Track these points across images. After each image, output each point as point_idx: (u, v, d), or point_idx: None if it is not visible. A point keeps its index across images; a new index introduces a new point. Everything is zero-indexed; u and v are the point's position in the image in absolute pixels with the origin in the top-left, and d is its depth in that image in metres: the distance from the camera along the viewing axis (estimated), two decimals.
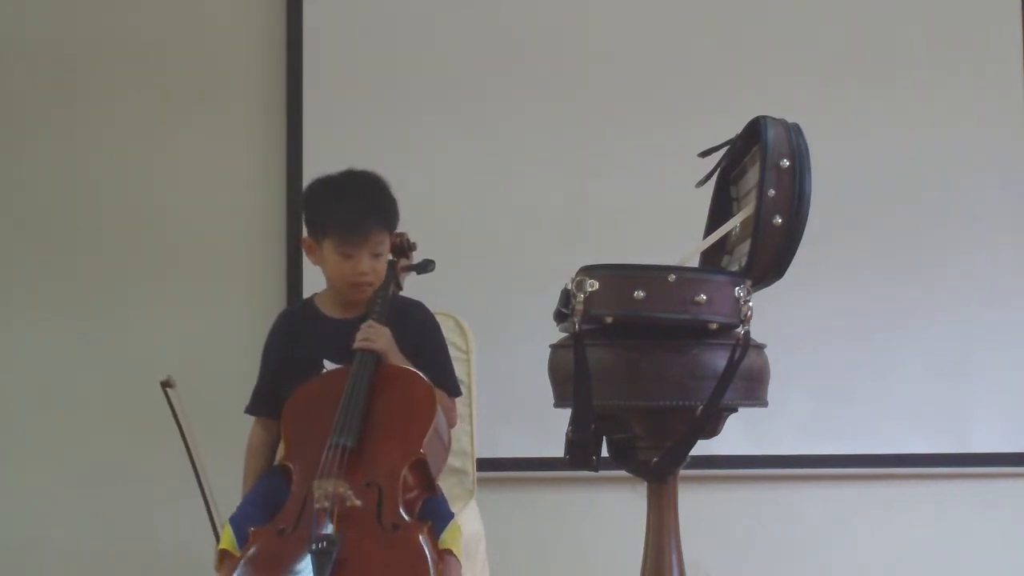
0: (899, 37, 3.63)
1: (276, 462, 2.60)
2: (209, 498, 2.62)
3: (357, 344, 2.56)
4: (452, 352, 2.85)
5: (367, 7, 3.59)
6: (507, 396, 3.34)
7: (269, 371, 2.72)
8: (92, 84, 3.59)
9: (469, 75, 3.58)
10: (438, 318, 2.82)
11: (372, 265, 2.63)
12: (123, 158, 3.57)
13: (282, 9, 3.58)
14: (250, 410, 2.73)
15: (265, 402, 2.71)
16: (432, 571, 2.26)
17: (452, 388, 2.72)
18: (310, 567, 2.26)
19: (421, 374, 2.57)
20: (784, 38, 3.62)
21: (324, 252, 2.65)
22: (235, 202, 3.57)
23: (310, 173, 3.35)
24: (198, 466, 2.63)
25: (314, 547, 2.25)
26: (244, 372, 2.79)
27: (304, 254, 2.76)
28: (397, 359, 2.59)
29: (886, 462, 3.54)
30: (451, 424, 2.67)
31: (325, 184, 2.69)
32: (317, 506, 2.32)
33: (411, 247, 2.82)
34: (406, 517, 2.34)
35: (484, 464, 3.10)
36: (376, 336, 2.57)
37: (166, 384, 2.60)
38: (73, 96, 3.58)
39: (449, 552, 2.36)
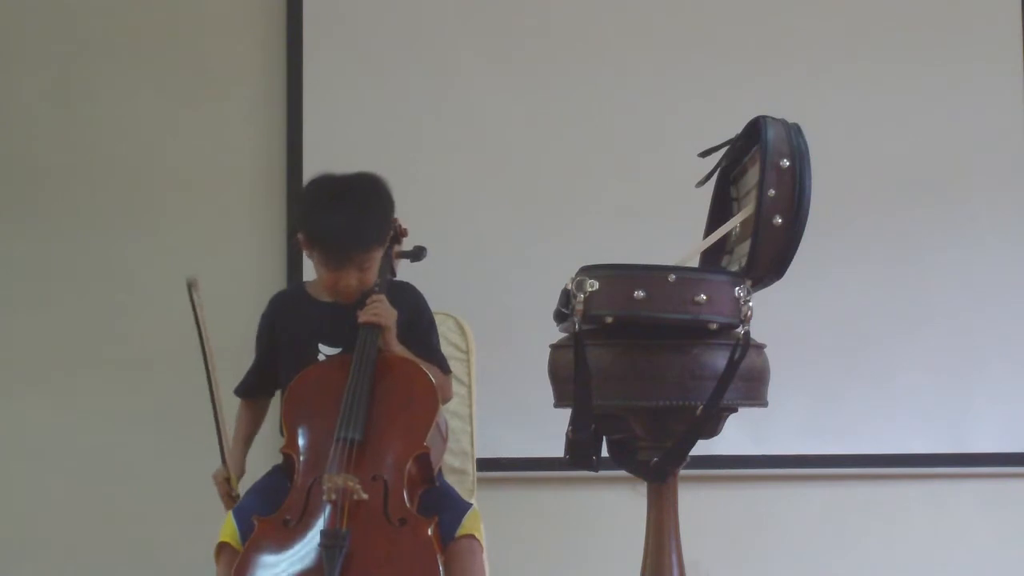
0: (899, 37, 3.63)
1: (280, 449, 2.59)
2: (219, 414, 2.55)
3: (363, 317, 2.55)
4: (452, 352, 2.85)
5: (367, 6, 3.59)
6: (507, 396, 3.34)
7: (259, 355, 2.75)
8: (92, 79, 3.58)
9: (470, 74, 3.58)
10: (438, 318, 2.83)
11: (359, 277, 2.60)
12: (123, 153, 3.56)
13: (282, 5, 3.58)
14: (237, 391, 2.74)
15: (251, 384, 2.74)
16: (440, 566, 2.28)
17: (445, 365, 2.73)
18: (314, 558, 2.29)
19: (422, 366, 2.57)
20: (784, 38, 3.62)
21: (312, 258, 2.65)
22: (235, 204, 3.57)
23: (310, 168, 3.37)
24: (212, 381, 2.56)
25: (324, 542, 2.27)
26: (244, 365, 2.79)
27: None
28: (395, 344, 2.59)
29: (886, 462, 3.54)
30: (447, 399, 2.71)
31: (318, 191, 2.64)
32: (325, 498, 2.33)
33: (403, 233, 2.82)
34: (411, 511, 2.36)
35: (484, 464, 3.10)
36: (385, 312, 2.57)
37: (191, 285, 2.51)
38: (73, 93, 3.58)
39: (471, 536, 2.42)
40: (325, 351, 2.65)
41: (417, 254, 2.82)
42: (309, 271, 3.30)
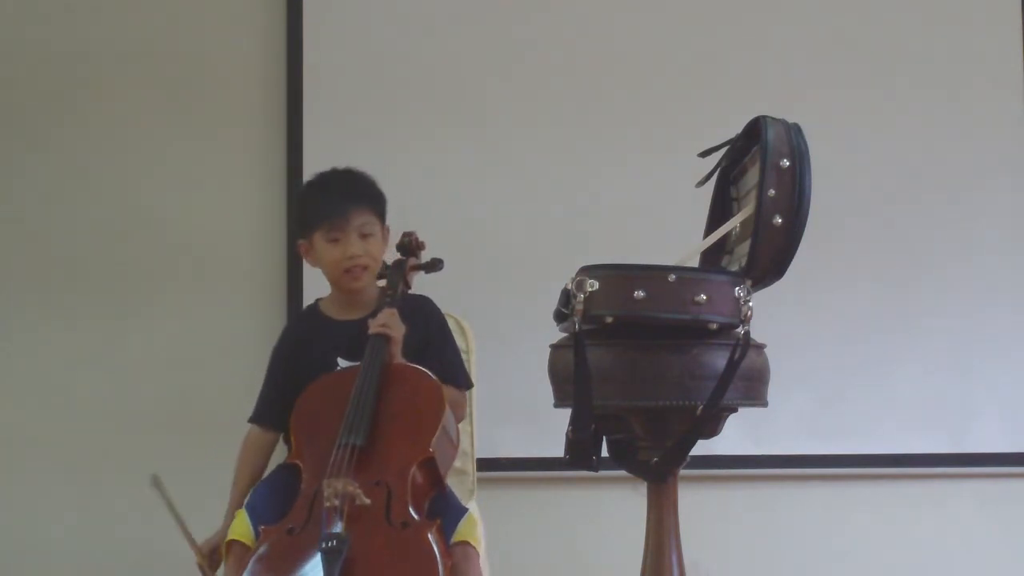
0: (900, 37, 3.63)
1: (285, 460, 2.59)
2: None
3: (373, 328, 2.56)
4: None
5: (368, 7, 3.59)
6: (507, 396, 3.34)
7: (274, 380, 2.71)
8: (91, 87, 3.58)
9: (469, 75, 3.58)
10: None
11: (363, 246, 2.62)
12: (122, 161, 3.56)
13: (282, 9, 3.58)
14: (254, 419, 2.69)
15: (271, 411, 2.68)
16: (441, 569, 2.28)
17: (463, 381, 2.73)
18: (319, 566, 2.27)
19: (429, 372, 2.57)
20: (784, 38, 3.63)
21: (316, 246, 2.65)
22: (235, 204, 3.57)
23: (311, 169, 3.36)
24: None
25: (323, 546, 2.27)
26: (245, 374, 2.78)
27: (304, 259, 2.75)
28: (399, 357, 2.59)
29: (886, 462, 3.54)
30: (460, 418, 2.69)
31: (309, 182, 2.75)
32: (327, 504, 2.32)
33: (419, 246, 2.83)
34: (415, 515, 2.36)
35: (484, 464, 3.10)
36: (394, 324, 2.57)
37: (156, 482, 2.55)
38: (72, 101, 3.58)
39: (466, 543, 2.40)
40: (344, 364, 2.65)
41: (432, 265, 2.81)
42: (308, 278, 3.32)
